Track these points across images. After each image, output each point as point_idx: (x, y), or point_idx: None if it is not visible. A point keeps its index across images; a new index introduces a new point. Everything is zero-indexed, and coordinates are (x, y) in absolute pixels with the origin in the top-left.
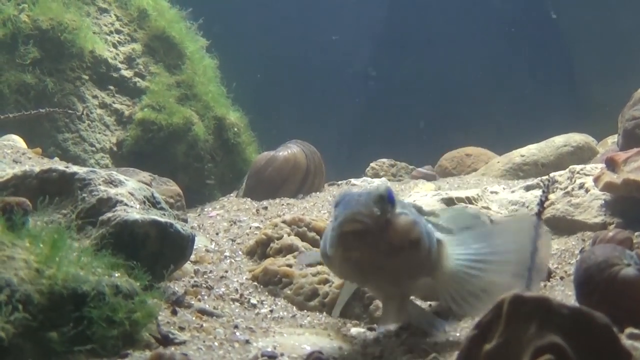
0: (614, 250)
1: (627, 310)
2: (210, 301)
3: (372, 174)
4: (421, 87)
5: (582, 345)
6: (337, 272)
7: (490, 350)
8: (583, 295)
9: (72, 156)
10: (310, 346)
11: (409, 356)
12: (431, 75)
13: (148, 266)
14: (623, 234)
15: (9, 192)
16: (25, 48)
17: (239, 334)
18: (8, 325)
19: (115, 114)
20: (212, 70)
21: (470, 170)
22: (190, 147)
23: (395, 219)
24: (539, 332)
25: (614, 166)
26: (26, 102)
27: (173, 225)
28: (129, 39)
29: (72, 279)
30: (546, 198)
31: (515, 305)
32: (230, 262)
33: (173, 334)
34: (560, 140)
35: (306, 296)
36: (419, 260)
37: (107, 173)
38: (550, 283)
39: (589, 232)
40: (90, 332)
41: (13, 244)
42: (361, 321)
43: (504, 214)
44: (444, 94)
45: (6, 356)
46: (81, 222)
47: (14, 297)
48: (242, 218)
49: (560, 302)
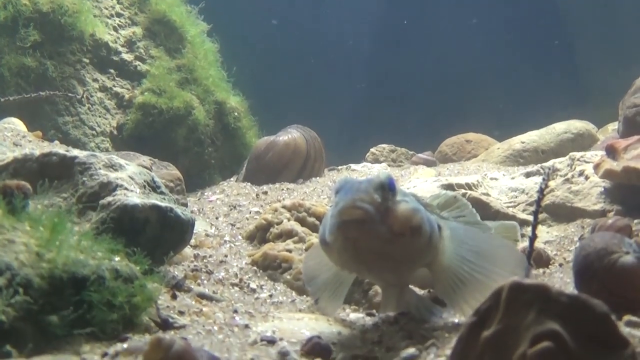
0: (613, 238)
1: (626, 298)
2: (209, 285)
3: (372, 159)
4: (422, 73)
5: (581, 332)
6: (336, 260)
7: (489, 337)
8: (582, 282)
9: (73, 140)
10: (309, 331)
11: (407, 342)
12: (432, 61)
13: (148, 250)
14: (622, 222)
15: (9, 176)
16: (26, 31)
17: (238, 319)
18: (9, 308)
19: (116, 98)
20: (212, 54)
21: (471, 156)
22: (191, 132)
23: (395, 206)
24: (538, 319)
25: (614, 153)
26: (26, 85)
27: (173, 210)
28: (130, 23)
29: (73, 263)
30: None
31: (514, 292)
32: (230, 246)
33: (173, 318)
34: (561, 127)
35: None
36: (420, 247)
37: (107, 157)
38: (549, 270)
39: (588, 220)
40: (90, 315)
41: (13, 227)
42: (360, 307)
43: (503, 201)
44: (445, 80)
45: (7, 339)
46: (81, 206)
47: (14, 280)
48: (242, 202)
49: (559, 289)
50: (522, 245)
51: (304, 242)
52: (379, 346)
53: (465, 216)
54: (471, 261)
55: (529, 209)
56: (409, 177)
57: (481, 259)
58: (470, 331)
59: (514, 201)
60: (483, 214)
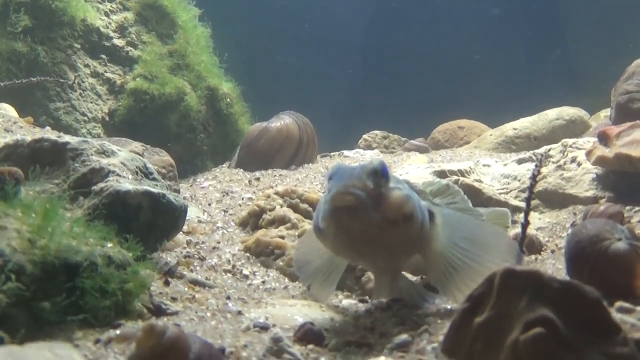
0: (605, 225)
1: (617, 284)
2: (202, 272)
3: (365, 145)
4: (415, 59)
5: (573, 318)
6: (330, 246)
7: (481, 323)
8: (574, 269)
9: (64, 125)
10: (302, 317)
11: (400, 328)
12: (426, 47)
13: (140, 237)
14: (614, 208)
15: (0, 162)
16: (17, 16)
17: (231, 305)
18: (1, 295)
19: (107, 84)
20: (204, 39)
21: (463, 142)
22: (183, 118)
23: (388, 193)
24: (530, 305)
25: (607, 140)
26: (17, 71)
27: (165, 196)
28: (121, 8)
29: (65, 249)
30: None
31: (506, 278)
32: (223, 233)
33: (165, 305)
34: (553, 113)
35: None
36: (412, 234)
37: (99, 143)
38: (542, 256)
39: (580, 206)
40: (83, 302)
41: (5, 213)
42: (353, 293)
43: (496, 187)
44: (437, 67)
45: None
46: (73, 193)
47: (6, 267)
48: (235, 189)
49: (551, 275)
50: (514, 231)
51: (296, 228)
52: (371, 332)
53: (457, 203)
54: (463, 248)
55: (521, 195)
56: (401, 163)
57: (473, 245)
58: (462, 317)
59: (506, 188)
60: (475, 201)
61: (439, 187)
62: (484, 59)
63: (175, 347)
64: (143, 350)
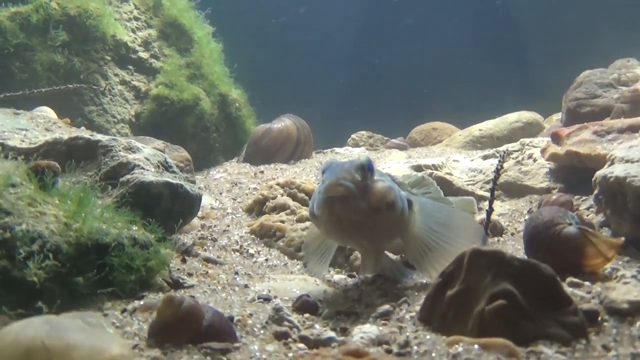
0: (558, 212)
1: (569, 262)
2: (214, 251)
3: (353, 143)
4: (397, 70)
5: (531, 291)
6: (323, 230)
7: (452, 295)
8: (531, 249)
9: (97, 126)
10: (299, 290)
11: (383, 299)
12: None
13: (161, 221)
14: (565, 197)
15: (41, 156)
16: (56, 32)
17: (239, 279)
18: (40, 271)
19: (134, 90)
20: (217, 53)
21: (436, 141)
22: (198, 120)
23: (373, 185)
24: (494, 280)
25: (558, 139)
26: (56, 79)
27: (183, 186)
28: (146, 25)
29: (96, 232)
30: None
31: (474, 257)
32: (232, 218)
33: (183, 279)
34: (513, 116)
35: (296, 247)
36: (394, 220)
37: (126, 141)
38: (503, 238)
39: (536, 196)
40: (112, 277)
41: (44, 201)
42: (343, 269)
43: (464, 179)
44: (416, 76)
45: (39, 297)
46: (104, 183)
47: (45, 247)
48: (242, 180)
49: (512, 255)
50: (480, 217)
51: (295, 214)
52: (358, 303)
53: (431, 193)
54: (437, 231)
55: (486, 186)
56: (383, 159)
57: (445, 229)
58: (436, 290)
59: (473, 180)
60: (446, 191)
61: (416, 179)
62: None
63: (190, 315)
64: (163, 318)
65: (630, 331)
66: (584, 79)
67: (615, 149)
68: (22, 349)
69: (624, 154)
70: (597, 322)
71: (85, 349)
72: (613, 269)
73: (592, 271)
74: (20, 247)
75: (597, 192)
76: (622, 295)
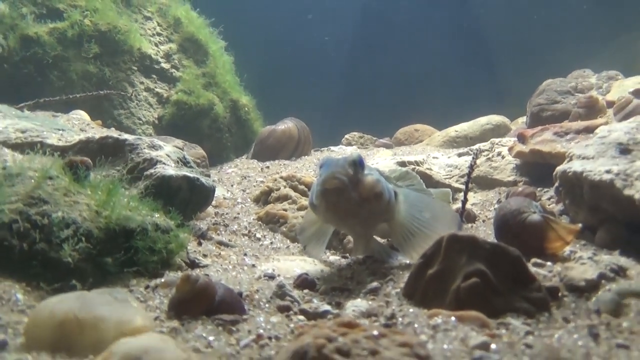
0: (524, 201)
1: (533, 246)
2: (226, 235)
3: (346, 143)
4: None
5: (500, 271)
6: (321, 217)
7: (432, 274)
8: (500, 234)
9: (125, 127)
10: (299, 269)
11: (372, 277)
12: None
13: (180, 209)
14: (529, 189)
15: (75, 153)
16: (89, 45)
17: (247, 260)
18: (74, 252)
19: (157, 96)
20: (229, 64)
21: (418, 141)
22: (213, 122)
23: (364, 178)
24: (468, 261)
25: (524, 139)
26: (89, 86)
27: (199, 179)
28: (167, 40)
29: (123, 218)
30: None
31: (451, 241)
32: (241, 206)
33: (198, 260)
34: (484, 120)
35: (297, 232)
36: (381, 208)
37: (150, 140)
38: (476, 225)
39: (504, 188)
40: (136, 258)
41: (78, 192)
42: (337, 251)
43: (442, 174)
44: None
45: (72, 276)
46: (130, 177)
47: (78, 231)
48: (251, 174)
49: (484, 239)
50: (456, 206)
51: (296, 203)
52: (351, 280)
53: (414, 185)
54: (419, 219)
55: (461, 180)
56: (372, 156)
57: (426, 217)
58: (418, 270)
59: (449, 174)
60: (427, 184)
61: (401, 173)
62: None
63: (205, 291)
64: (181, 294)
65: (587, 305)
66: (545, 87)
67: (573, 147)
68: (57, 321)
69: (580, 151)
70: (558, 297)
71: (112, 321)
72: (571, 251)
73: (553, 253)
74: (56, 232)
75: (558, 184)
76: (580, 274)
